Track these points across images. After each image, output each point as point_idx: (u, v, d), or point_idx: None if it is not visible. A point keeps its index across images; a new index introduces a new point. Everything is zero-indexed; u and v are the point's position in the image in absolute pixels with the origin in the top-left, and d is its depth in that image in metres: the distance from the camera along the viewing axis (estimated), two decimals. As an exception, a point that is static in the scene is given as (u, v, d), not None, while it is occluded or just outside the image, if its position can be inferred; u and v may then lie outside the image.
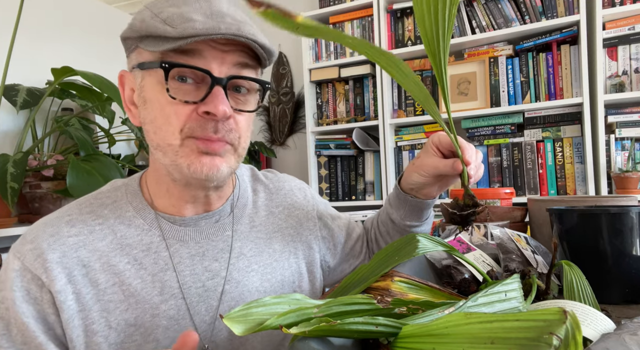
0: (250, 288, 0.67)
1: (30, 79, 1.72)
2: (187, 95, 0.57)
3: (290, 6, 2.81)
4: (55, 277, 0.56)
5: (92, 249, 0.60)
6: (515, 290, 0.42)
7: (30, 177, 1.50)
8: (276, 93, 2.78)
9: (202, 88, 0.57)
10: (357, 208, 2.42)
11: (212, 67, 0.57)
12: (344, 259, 0.82)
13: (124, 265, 0.60)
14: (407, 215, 0.75)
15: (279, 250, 0.72)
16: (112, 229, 0.62)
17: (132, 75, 0.61)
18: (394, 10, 2.29)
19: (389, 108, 2.33)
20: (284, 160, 2.82)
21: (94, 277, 0.59)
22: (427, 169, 0.68)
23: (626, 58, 1.93)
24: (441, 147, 0.67)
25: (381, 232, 0.82)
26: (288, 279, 0.72)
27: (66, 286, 0.57)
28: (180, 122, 0.57)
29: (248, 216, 0.72)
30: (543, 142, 2.07)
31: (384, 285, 0.45)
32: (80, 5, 1.97)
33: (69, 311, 0.57)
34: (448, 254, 0.69)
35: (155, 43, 0.55)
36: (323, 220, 0.80)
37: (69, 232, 0.60)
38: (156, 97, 0.57)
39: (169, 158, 0.58)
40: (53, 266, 0.57)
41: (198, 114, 0.57)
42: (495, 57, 2.13)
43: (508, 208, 0.99)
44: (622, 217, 0.57)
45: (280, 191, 0.78)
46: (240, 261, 0.67)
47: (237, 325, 0.35)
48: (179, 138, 0.57)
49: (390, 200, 0.78)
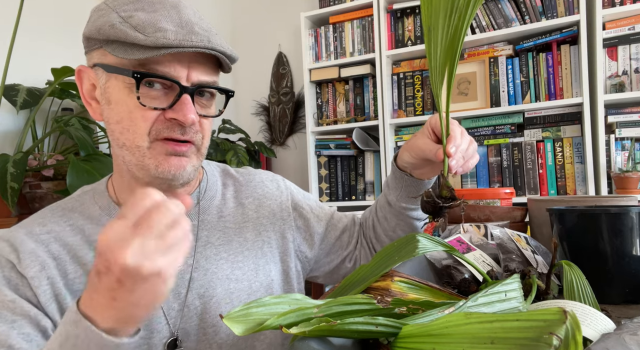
0: (220, 276, 0.69)
1: (30, 79, 1.72)
2: (155, 102, 0.59)
3: (290, 6, 2.79)
4: (27, 265, 0.59)
5: (62, 243, 0.63)
6: (515, 290, 0.42)
7: (30, 177, 1.50)
8: (276, 93, 2.78)
9: (170, 94, 0.60)
10: (357, 208, 2.42)
11: (180, 75, 0.59)
12: (329, 250, 0.83)
13: (91, 257, 0.63)
14: (403, 197, 0.76)
15: (250, 239, 0.74)
16: (81, 228, 0.65)
17: (93, 72, 0.62)
18: (394, 10, 2.29)
19: (389, 108, 2.33)
20: (284, 160, 2.82)
21: (63, 267, 0.62)
22: (415, 151, 0.69)
23: (626, 58, 1.93)
24: (436, 130, 0.66)
25: (379, 218, 0.82)
26: (261, 268, 0.73)
27: (40, 273, 0.60)
28: (148, 125, 0.59)
29: (216, 207, 0.74)
30: (543, 142, 2.07)
31: (384, 285, 0.45)
32: (80, 5, 1.97)
33: (45, 295, 0.59)
34: (448, 254, 0.69)
35: (125, 50, 0.57)
36: (298, 210, 0.81)
37: (40, 230, 0.64)
38: (123, 100, 0.59)
39: (135, 158, 0.61)
40: (26, 256, 0.60)
41: (165, 118, 0.60)
42: (495, 57, 2.13)
43: (508, 208, 0.99)
44: (622, 217, 0.57)
45: (250, 183, 0.80)
46: (207, 249, 0.70)
47: (237, 325, 0.35)
48: (147, 140, 0.60)
49: (389, 180, 0.79)
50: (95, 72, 0.62)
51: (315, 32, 2.47)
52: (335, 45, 2.44)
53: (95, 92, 0.64)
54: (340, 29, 2.43)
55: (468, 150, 0.65)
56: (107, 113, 0.61)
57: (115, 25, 0.56)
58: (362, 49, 2.38)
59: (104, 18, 0.58)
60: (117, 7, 0.59)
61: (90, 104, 0.65)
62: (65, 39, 1.90)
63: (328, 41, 2.45)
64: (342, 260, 0.83)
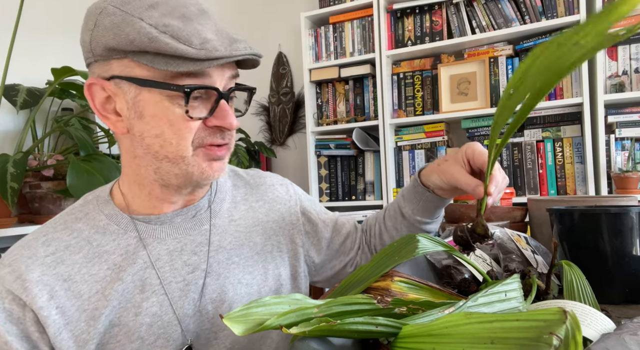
0: (232, 280, 0.68)
1: (30, 79, 1.72)
2: (196, 111, 0.59)
3: (290, 6, 2.78)
4: (35, 295, 0.56)
5: (70, 263, 0.60)
6: (515, 290, 0.42)
7: (30, 177, 1.50)
8: (276, 93, 2.78)
9: (207, 101, 0.60)
10: (357, 208, 2.42)
11: (217, 82, 0.59)
12: (333, 256, 0.83)
13: (104, 272, 0.61)
14: (419, 210, 0.76)
15: (260, 243, 0.73)
16: (88, 240, 0.62)
17: (111, 84, 0.58)
18: (394, 10, 2.29)
19: (389, 108, 2.33)
20: (284, 160, 2.82)
21: (76, 289, 0.59)
22: (448, 178, 0.68)
23: (626, 58, 1.93)
24: (472, 162, 0.66)
25: (387, 227, 0.81)
26: (271, 272, 0.73)
27: (49, 302, 0.57)
28: (192, 136, 0.59)
29: (227, 210, 0.73)
30: (543, 142, 2.07)
31: (384, 285, 0.45)
32: (80, 5, 1.97)
33: (55, 326, 0.57)
34: (448, 254, 0.69)
35: (166, 62, 0.54)
36: (307, 215, 0.81)
37: (45, 251, 0.60)
38: (163, 113, 0.57)
39: (178, 168, 0.60)
40: (32, 285, 0.56)
41: (207, 126, 0.60)
42: (495, 57, 2.13)
43: (508, 208, 0.99)
44: (622, 217, 0.57)
45: (260, 186, 0.79)
46: (219, 254, 0.69)
47: (237, 325, 0.35)
48: (191, 150, 0.59)
49: (405, 193, 0.79)
50: (114, 85, 0.58)
51: (315, 32, 2.47)
52: (335, 45, 2.44)
53: (111, 104, 0.60)
54: (340, 29, 2.43)
55: (502, 190, 0.65)
56: (140, 127, 0.58)
57: (155, 36, 0.53)
58: (362, 49, 2.38)
59: (130, 27, 0.54)
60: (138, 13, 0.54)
61: (108, 117, 0.61)
62: (65, 39, 1.90)
63: (328, 41, 2.45)
64: (344, 266, 0.83)
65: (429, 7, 2.24)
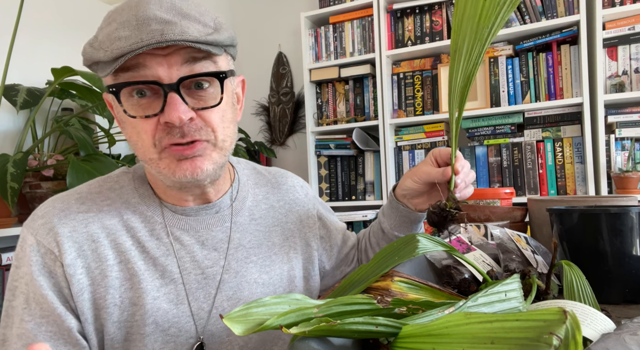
0: (249, 279, 0.69)
1: (30, 79, 1.72)
2: (146, 110, 0.57)
3: (290, 6, 2.79)
4: (66, 250, 0.59)
5: (100, 225, 0.62)
6: (515, 290, 0.42)
7: (30, 177, 1.50)
8: (276, 93, 2.78)
9: (158, 98, 0.57)
10: (357, 208, 2.42)
11: (160, 74, 0.55)
12: (339, 264, 0.84)
13: (129, 245, 0.63)
14: (396, 226, 0.78)
15: (278, 244, 0.74)
16: (119, 211, 0.64)
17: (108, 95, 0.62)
18: (394, 10, 2.29)
19: (388, 108, 2.33)
20: (284, 160, 2.82)
21: (102, 252, 0.61)
22: (420, 175, 0.72)
23: (626, 58, 1.93)
24: (439, 159, 0.72)
25: (371, 243, 0.84)
26: (286, 274, 0.74)
27: (76, 260, 0.59)
28: (150, 137, 0.57)
29: (248, 209, 0.73)
30: (543, 142, 2.07)
31: (384, 285, 0.45)
32: (80, 5, 1.97)
33: (79, 284, 0.59)
34: (448, 254, 0.69)
35: (100, 69, 0.56)
36: (322, 220, 0.82)
37: (78, 208, 0.62)
38: (125, 117, 0.59)
39: (154, 169, 0.60)
40: (64, 240, 0.59)
41: (162, 124, 0.57)
42: (495, 57, 2.13)
43: (508, 208, 0.99)
44: (622, 217, 0.57)
45: (282, 186, 0.80)
46: (238, 252, 0.69)
47: (237, 325, 0.35)
48: (156, 152, 0.58)
49: (384, 208, 0.81)
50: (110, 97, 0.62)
51: (315, 32, 2.47)
52: (335, 45, 2.44)
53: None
54: (340, 29, 2.43)
55: (469, 175, 0.69)
56: (123, 132, 0.62)
57: (86, 49, 0.57)
58: (362, 49, 2.38)
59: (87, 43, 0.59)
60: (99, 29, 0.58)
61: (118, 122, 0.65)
62: (65, 39, 1.90)
63: (328, 41, 2.45)
64: (345, 276, 0.85)
65: (429, 7, 2.24)
